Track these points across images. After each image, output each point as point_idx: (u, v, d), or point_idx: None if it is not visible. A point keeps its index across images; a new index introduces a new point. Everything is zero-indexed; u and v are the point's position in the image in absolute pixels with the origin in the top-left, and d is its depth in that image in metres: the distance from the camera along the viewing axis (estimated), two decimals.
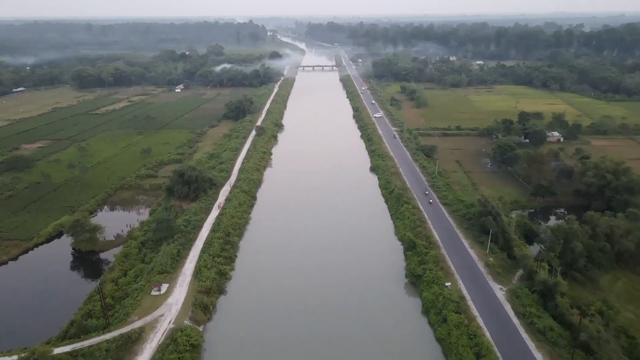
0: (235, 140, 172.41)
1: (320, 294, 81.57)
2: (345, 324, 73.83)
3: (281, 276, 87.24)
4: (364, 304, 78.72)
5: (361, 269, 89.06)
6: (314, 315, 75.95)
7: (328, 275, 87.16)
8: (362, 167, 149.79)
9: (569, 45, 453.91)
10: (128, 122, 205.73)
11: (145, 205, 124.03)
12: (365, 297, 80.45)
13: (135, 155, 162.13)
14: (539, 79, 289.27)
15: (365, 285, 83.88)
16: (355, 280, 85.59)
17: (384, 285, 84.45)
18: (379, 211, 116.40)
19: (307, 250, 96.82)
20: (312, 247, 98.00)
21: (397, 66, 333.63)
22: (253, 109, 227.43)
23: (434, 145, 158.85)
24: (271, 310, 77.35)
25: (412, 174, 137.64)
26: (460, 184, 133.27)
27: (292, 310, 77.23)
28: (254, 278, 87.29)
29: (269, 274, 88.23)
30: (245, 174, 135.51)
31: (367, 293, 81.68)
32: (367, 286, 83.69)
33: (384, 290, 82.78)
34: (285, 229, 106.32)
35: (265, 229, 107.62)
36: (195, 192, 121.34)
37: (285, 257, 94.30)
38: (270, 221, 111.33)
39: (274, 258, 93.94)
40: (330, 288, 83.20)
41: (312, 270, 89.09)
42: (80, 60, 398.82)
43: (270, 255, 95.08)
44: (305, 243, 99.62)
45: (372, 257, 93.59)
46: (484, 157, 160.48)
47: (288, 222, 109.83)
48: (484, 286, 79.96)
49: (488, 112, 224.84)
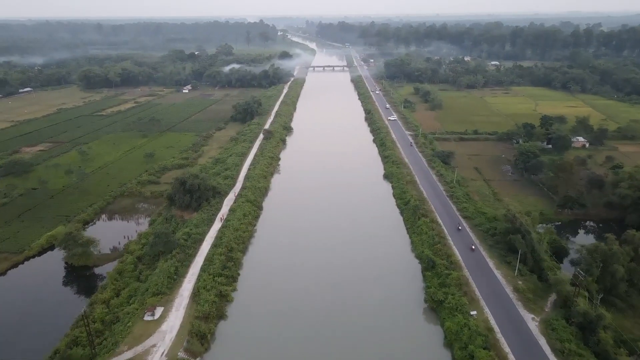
0: (242, 145, 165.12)
1: (331, 319, 73.66)
2: (358, 354, 65.84)
3: (287, 298, 79.48)
4: (378, 331, 70.68)
5: (375, 291, 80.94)
6: (324, 343, 68.16)
7: (340, 298, 79.19)
8: (375, 175, 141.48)
9: (588, 45, 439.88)
10: (132, 125, 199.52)
11: (146, 215, 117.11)
12: (380, 324, 72.35)
13: (138, 159, 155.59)
14: (558, 80, 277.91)
15: (381, 310, 75.77)
16: (369, 303, 77.52)
17: (401, 310, 76.26)
18: (393, 224, 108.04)
19: (316, 267, 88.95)
20: (321, 264, 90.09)
21: (410, 67, 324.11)
22: (261, 111, 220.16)
23: (451, 151, 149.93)
24: (276, 338, 69.58)
25: (429, 182, 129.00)
26: (481, 194, 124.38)
27: (300, 339, 69.47)
28: (258, 300, 79.62)
29: (274, 295, 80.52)
30: (251, 181, 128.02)
31: (382, 319, 73.56)
32: (383, 311, 75.58)
33: (400, 316, 74.62)
34: (293, 244, 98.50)
35: (271, 243, 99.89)
36: (198, 201, 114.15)
37: (292, 276, 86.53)
38: (276, 234, 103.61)
39: (279, 277, 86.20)
40: (343, 313, 75.22)
41: (322, 292, 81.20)
42: (89, 60, 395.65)
43: (276, 274, 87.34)
44: (314, 260, 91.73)
45: (387, 276, 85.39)
46: (504, 163, 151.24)
47: (296, 236, 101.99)
48: (514, 315, 71.34)
49: (506, 115, 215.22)
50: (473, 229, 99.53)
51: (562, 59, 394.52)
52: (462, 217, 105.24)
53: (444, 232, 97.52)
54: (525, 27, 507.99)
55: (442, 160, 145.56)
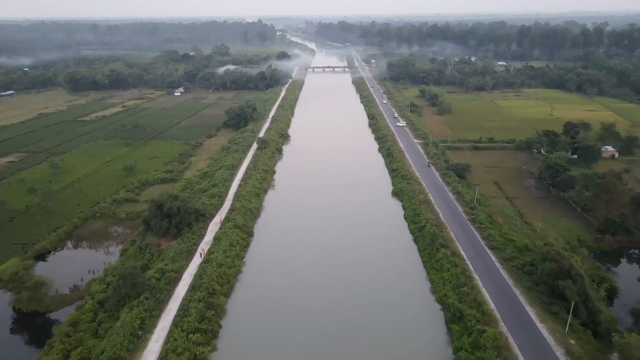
0: (233, 155, 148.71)
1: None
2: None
3: (281, 357, 63.26)
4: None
5: (390, 348, 64.51)
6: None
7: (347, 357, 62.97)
8: (382, 191, 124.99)
9: (599, 45, 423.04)
10: (114, 132, 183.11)
11: (118, 242, 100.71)
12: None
13: (116, 173, 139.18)
14: (573, 82, 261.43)
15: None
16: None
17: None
18: (407, 256, 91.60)
19: (314, 315, 72.55)
20: (320, 311, 73.65)
21: (415, 68, 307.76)
22: (256, 116, 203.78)
23: (468, 164, 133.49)
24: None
25: (445, 202, 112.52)
26: (504, 215, 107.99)
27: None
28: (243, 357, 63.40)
29: (263, 353, 64.18)
30: (241, 201, 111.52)
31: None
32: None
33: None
34: (287, 283, 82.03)
35: (261, 281, 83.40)
36: (178, 226, 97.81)
37: (286, 327, 70.08)
38: (268, 269, 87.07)
39: (270, 329, 69.76)
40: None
41: (322, 348, 64.84)
42: (79, 62, 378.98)
43: (267, 324, 70.92)
44: (312, 306, 75.27)
45: (403, 329, 68.94)
46: (526, 177, 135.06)
47: (291, 272, 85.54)
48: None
49: (521, 120, 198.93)
50: (503, 264, 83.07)
51: (572, 59, 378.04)
52: (489, 248, 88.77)
53: (470, 269, 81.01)
54: (531, 26, 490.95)
55: (457, 174, 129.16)
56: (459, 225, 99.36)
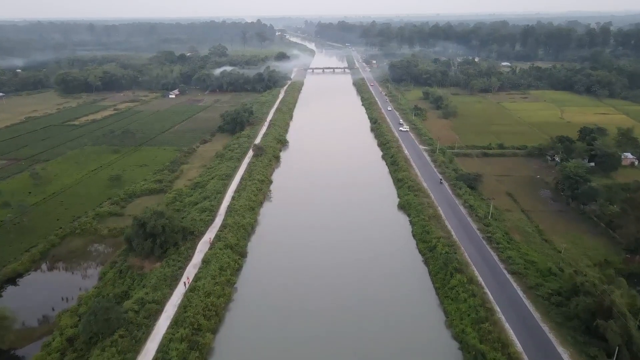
0: (227, 163, 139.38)
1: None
2: None
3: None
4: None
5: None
6: None
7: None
8: (386, 203, 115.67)
9: (605, 45, 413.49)
10: (103, 137, 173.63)
11: (98, 262, 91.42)
12: None
13: (102, 183, 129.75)
14: (582, 83, 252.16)
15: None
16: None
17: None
18: (417, 281, 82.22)
19: (314, 348, 63.24)
20: (320, 345, 64.32)
21: (417, 69, 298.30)
22: (253, 120, 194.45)
23: (479, 174, 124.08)
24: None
25: (457, 217, 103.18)
26: (522, 232, 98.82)
27: None
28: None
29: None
30: (234, 216, 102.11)
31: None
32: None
33: None
34: (283, 311, 72.73)
35: (253, 311, 74.06)
36: (163, 247, 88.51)
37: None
38: (261, 296, 77.69)
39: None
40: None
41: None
42: (72, 62, 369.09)
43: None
44: (311, 337, 65.93)
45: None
46: (540, 187, 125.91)
47: (287, 298, 76.21)
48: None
49: (531, 124, 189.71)
50: (527, 293, 73.74)
51: (578, 59, 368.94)
52: (509, 273, 79.38)
53: (490, 299, 71.66)
54: (537, 26, 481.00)
55: (468, 185, 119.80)
56: (474, 244, 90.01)
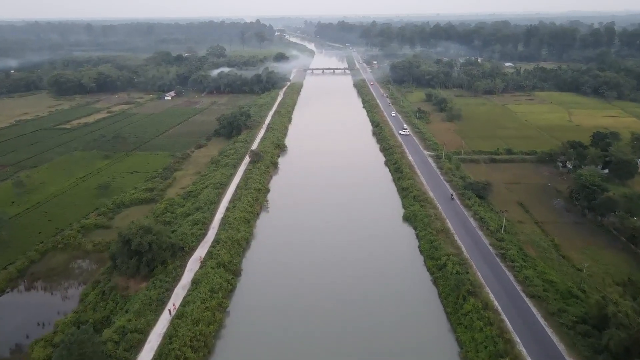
0: (222, 171, 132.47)
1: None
2: None
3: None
4: None
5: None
6: None
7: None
8: (391, 214, 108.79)
9: (609, 45, 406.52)
10: (94, 142, 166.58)
11: (80, 281, 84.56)
12: None
13: (90, 192, 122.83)
14: (589, 85, 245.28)
15: None
16: None
17: None
18: (426, 303, 75.29)
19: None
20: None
21: (420, 70, 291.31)
22: (251, 124, 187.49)
23: (488, 182, 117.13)
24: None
25: (467, 230, 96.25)
26: (537, 247, 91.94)
27: None
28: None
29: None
30: (228, 230, 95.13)
31: None
32: None
33: None
34: (280, 336, 65.82)
35: (247, 338, 67.13)
36: (149, 265, 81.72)
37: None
38: (256, 321, 70.80)
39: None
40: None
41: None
42: (67, 63, 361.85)
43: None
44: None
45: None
46: (553, 195, 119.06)
47: (284, 322, 69.30)
48: None
49: (538, 128, 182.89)
50: (549, 321, 66.84)
51: (583, 60, 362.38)
52: (528, 296, 72.47)
53: (508, 328, 64.73)
54: (540, 26, 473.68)
55: (477, 195, 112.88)
56: (487, 262, 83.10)
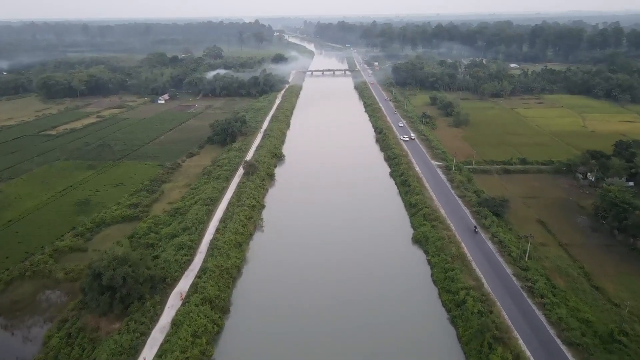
0: (214, 184, 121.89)
1: None
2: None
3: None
4: None
5: None
6: None
7: None
8: (398, 235, 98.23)
9: (617, 46, 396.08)
10: (78, 151, 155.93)
11: (46, 319, 73.96)
12: None
13: (68, 208, 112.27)
14: (600, 87, 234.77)
15: None
16: None
17: None
18: (443, 349, 64.70)
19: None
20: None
21: (423, 71, 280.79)
22: (246, 130, 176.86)
23: (505, 199, 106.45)
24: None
25: (485, 256, 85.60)
26: (565, 275, 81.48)
27: None
28: None
29: None
30: (216, 256, 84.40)
31: None
32: None
33: None
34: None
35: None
36: (124, 301, 71.14)
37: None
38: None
39: None
40: None
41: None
42: (59, 65, 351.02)
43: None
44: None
45: None
46: (575, 212, 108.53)
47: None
48: None
49: (552, 134, 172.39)
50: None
51: (590, 60, 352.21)
52: (565, 344, 61.87)
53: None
54: (544, 26, 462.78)
55: (493, 212, 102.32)
56: (513, 298, 72.46)
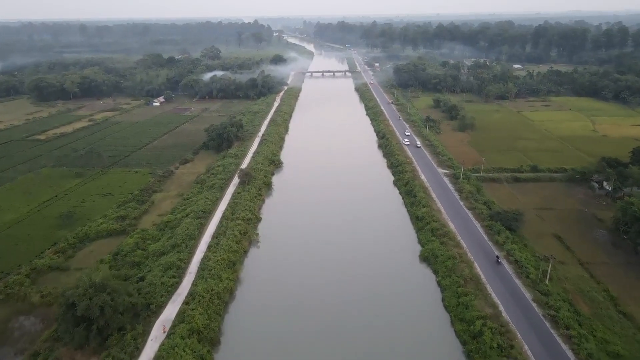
0: (207, 194, 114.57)
1: None
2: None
3: None
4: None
5: None
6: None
7: None
8: (405, 252, 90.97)
9: (622, 46, 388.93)
10: (65, 158, 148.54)
11: (17, 350, 66.73)
12: None
13: (50, 221, 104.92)
14: (609, 89, 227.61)
15: None
16: None
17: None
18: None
19: None
20: None
21: (426, 73, 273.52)
22: (243, 135, 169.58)
23: (520, 212, 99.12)
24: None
25: (501, 278, 78.27)
26: (588, 299, 74.37)
27: None
28: None
29: None
30: (207, 278, 77.03)
31: None
32: None
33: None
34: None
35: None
36: (102, 333, 63.87)
37: None
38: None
39: None
40: None
41: None
42: (53, 66, 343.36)
43: None
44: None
45: None
46: (593, 224, 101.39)
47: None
48: None
49: (561, 139, 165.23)
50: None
51: (595, 61, 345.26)
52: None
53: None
54: (547, 26, 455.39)
55: (506, 227, 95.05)
56: (535, 329, 65.19)
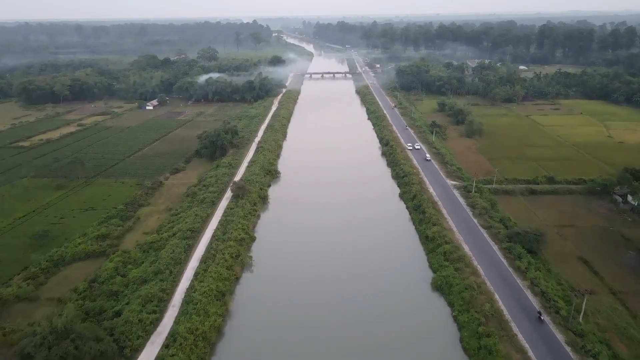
0: (197, 209, 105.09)
1: None
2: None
3: None
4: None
5: None
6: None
7: None
8: (415, 279, 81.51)
9: (630, 46, 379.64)
10: (46, 168, 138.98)
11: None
12: None
13: (23, 241, 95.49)
14: (621, 92, 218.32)
15: None
16: None
17: None
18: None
19: None
20: None
21: (429, 75, 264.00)
22: (238, 141, 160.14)
23: (541, 232, 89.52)
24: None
25: (527, 315, 68.78)
26: (626, 337, 65.29)
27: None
28: None
29: None
30: (191, 315, 67.38)
31: None
32: None
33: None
34: None
35: None
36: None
37: None
38: None
39: None
40: None
41: None
42: (44, 67, 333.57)
43: None
44: None
45: None
46: (621, 246, 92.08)
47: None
48: None
49: (575, 146, 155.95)
50: None
51: (602, 62, 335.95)
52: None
53: None
54: (552, 26, 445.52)
55: (526, 248, 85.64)
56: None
